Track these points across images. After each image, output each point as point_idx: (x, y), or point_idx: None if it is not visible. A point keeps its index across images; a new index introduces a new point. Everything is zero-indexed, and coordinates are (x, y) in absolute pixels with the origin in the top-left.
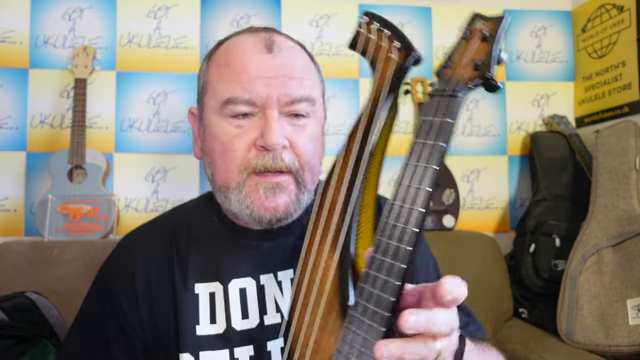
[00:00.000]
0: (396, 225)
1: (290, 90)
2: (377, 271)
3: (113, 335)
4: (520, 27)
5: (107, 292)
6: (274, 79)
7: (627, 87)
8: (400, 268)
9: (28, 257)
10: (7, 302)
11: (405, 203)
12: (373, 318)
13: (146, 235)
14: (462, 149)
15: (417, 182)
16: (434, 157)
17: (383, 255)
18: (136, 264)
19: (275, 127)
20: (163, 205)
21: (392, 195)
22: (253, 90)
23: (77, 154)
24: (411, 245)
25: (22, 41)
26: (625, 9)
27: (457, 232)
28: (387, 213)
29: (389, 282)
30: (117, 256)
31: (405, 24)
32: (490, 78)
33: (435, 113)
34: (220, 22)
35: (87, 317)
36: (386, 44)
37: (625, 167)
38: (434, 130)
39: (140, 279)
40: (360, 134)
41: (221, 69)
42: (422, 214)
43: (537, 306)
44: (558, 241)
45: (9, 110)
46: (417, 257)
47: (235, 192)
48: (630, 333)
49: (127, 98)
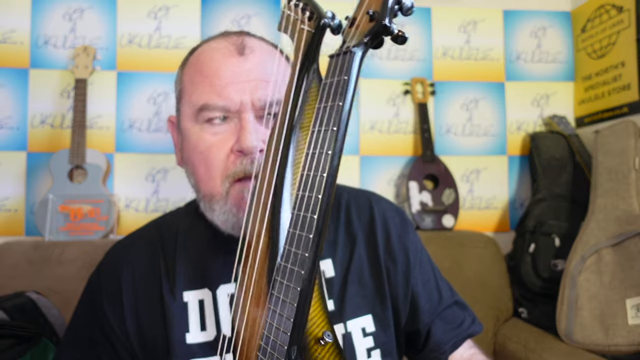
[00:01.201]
0: (304, 195)
1: (263, 93)
2: (295, 247)
3: (102, 348)
4: (520, 27)
5: (94, 307)
6: (247, 83)
7: (626, 87)
8: (309, 238)
9: (28, 257)
10: (8, 302)
11: (311, 171)
12: (291, 280)
13: (132, 245)
14: (462, 149)
15: (320, 147)
16: (333, 118)
17: (294, 228)
18: (123, 276)
19: (250, 131)
20: (163, 205)
21: (302, 165)
22: (227, 96)
23: (77, 154)
24: (320, 215)
25: (23, 41)
26: (625, 10)
27: (456, 232)
28: (299, 185)
29: (303, 255)
30: (104, 268)
31: (405, 24)
32: (386, 26)
33: (332, 75)
34: (220, 22)
35: (77, 330)
36: (299, 16)
37: (625, 167)
38: (332, 91)
39: (127, 291)
40: (286, 107)
41: (195, 76)
42: (327, 179)
43: (537, 306)
44: (558, 241)
45: (9, 110)
46: (411, 255)
47: (221, 203)
48: (630, 333)
49: (128, 98)
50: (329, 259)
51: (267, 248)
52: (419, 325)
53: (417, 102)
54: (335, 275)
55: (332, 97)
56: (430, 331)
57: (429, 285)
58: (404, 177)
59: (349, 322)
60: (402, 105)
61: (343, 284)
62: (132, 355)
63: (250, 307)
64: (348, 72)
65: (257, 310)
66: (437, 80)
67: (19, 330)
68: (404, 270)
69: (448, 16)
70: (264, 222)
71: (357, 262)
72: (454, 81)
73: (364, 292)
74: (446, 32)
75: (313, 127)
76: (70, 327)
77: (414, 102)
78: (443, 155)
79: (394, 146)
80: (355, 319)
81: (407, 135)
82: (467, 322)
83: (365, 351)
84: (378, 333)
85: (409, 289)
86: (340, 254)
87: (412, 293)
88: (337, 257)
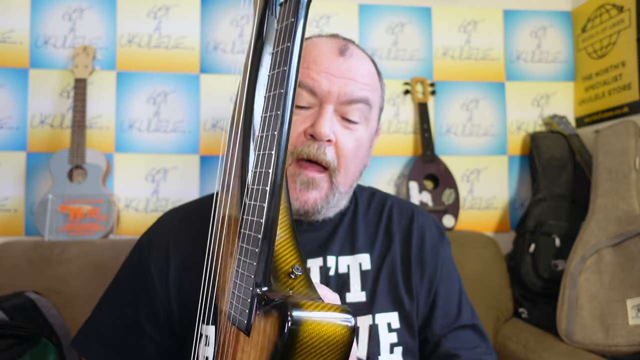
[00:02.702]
0: (261, 154)
1: (351, 89)
2: (253, 200)
3: (142, 303)
4: (521, 27)
5: (141, 262)
6: (338, 78)
7: (626, 87)
8: (265, 190)
9: (28, 257)
10: (7, 302)
11: (266, 132)
12: (252, 229)
13: (185, 215)
14: (462, 149)
15: (274, 90)
16: (284, 59)
17: (253, 184)
18: (172, 240)
19: (326, 119)
20: (163, 205)
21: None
22: (318, 80)
23: (77, 154)
24: (275, 170)
25: (23, 41)
26: (625, 9)
27: (457, 232)
28: (256, 144)
29: (261, 206)
30: (156, 230)
31: (405, 24)
32: None
33: (282, 20)
34: (221, 22)
35: (121, 282)
36: None
37: (625, 167)
38: (282, 36)
39: (174, 254)
40: (248, 52)
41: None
42: (278, 137)
43: (537, 306)
44: (558, 241)
45: (9, 110)
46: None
47: None
48: (630, 333)
49: (127, 98)
50: (367, 253)
51: (236, 206)
52: (428, 335)
53: (417, 102)
54: (370, 269)
55: (283, 40)
56: (440, 343)
57: (451, 299)
58: (404, 177)
59: (377, 315)
60: (402, 105)
61: (375, 278)
62: (168, 314)
63: (224, 260)
64: (295, 15)
65: (231, 261)
66: (437, 80)
67: (19, 330)
68: (430, 277)
69: (448, 16)
70: (237, 180)
71: (390, 260)
72: (454, 81)
73: (393, 289)
74: (446, 32)
75: (269, 72)
76: (115, 279)
77: (414, 102)
78: (443, 155)
79: (394, 146)
80: (383, 314)
81: (407, 135)
82: (482, 349)
83: (389, 346)
84: (402, 331)
85: (430, 297)
86: (377, 250)
87: (432, 301)
88: (374, 252)
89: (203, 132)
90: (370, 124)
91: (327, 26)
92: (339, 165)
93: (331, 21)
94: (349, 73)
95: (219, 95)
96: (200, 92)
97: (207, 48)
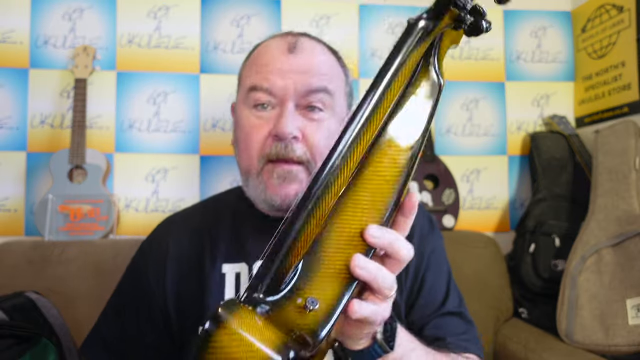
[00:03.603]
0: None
1: (307, 82)
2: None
3: (141, 309)
4: (520, 27)
5: (140, 267)
6: (291, 73)
7: (626, 87)
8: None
9: (28, 257)
10: (7, 302)
11: None
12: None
13: (184, 219)
14: (462, 149)
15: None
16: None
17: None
18: (171, 245)
19: (286, 117)
20: (163, 205)
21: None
22: (272, 80)
23: (77, 154)
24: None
25: (22, 41)
26: (625, 10)
27: (456, 232)
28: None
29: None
30: (156, 235)
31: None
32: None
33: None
34: (220, 22)
35: (123, 288)
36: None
37: (625, 167)
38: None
39: (172, 258)
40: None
41: (250, 65)
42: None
43: (537, 306)
44: (558, 241)
45: (9, 110)
46: (427, 254)
47: (253, 178)
48: (630, 333)
49: (128, 98)
50: None
51: None
52: (414, 318)
53: None
54: None
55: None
56: (424, 328)
57: (437, 287)
58: None
59: None
60: None
61: None
62: (165, 318)
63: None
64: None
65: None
66: None
67: (18, 330)
68: (416, 266)
69: None
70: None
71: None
72: (454, 81)
73: None
74: None
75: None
76: (119, 285)
77: None
78: (443, 155)
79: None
80: None
81: None
82: (467, 336)
83: None
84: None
85: (417, 284)
86: None
87: (418, 287)
88: None
89: (203, 132)
90: (336, 110)
91: (327, 26)
92: (312, 157)
93: (331, 21)
94: (302, 67)
95: (219, 95)
96: (200, 92)
97: (207, 48)
